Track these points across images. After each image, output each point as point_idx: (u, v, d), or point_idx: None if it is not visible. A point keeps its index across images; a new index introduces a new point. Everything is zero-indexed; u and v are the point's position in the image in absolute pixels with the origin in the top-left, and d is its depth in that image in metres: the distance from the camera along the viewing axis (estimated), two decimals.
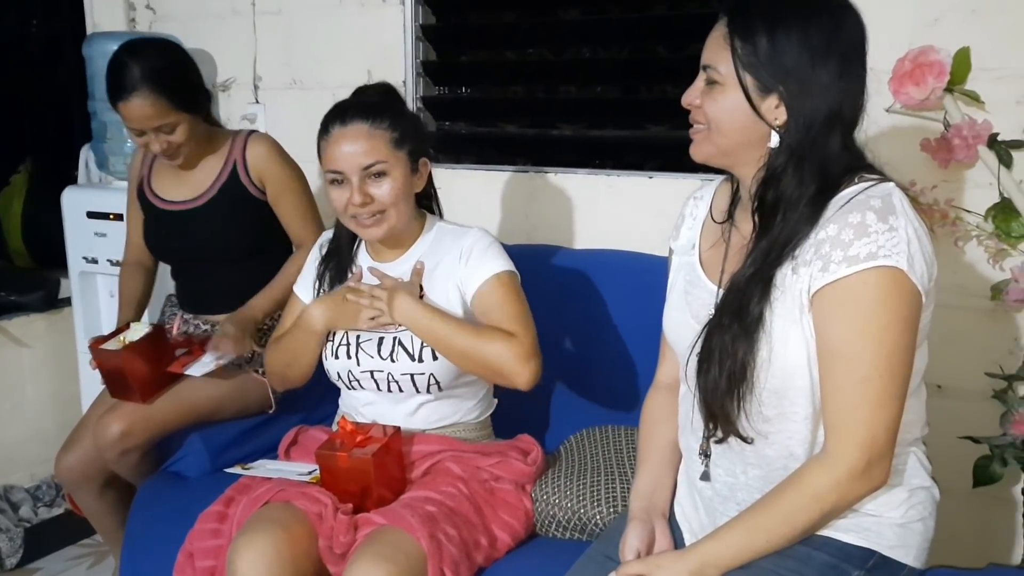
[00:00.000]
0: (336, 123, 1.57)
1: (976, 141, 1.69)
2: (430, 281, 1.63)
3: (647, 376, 1.49)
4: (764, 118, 1.16)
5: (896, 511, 1.20)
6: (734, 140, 1.20)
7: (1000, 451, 1.71)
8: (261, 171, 1.99)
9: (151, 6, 2.84)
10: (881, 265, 1.08)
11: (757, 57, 1.14)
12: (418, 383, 1.60)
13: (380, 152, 1.55)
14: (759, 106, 1.16)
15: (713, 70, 1.19)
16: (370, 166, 1.55)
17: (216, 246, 2.01)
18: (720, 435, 1.22)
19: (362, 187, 1.55)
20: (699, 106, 1.22)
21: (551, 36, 2.38)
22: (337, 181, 1.57)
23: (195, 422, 1.91)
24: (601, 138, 2.32)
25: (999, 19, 1.72)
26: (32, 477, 2.77)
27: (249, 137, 2.03)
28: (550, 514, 1.58)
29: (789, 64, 1.13)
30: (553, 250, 2.08)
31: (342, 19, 2.49)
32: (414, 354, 1.59)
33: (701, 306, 1.28)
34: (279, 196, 2.01)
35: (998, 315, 1.80)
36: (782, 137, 1.16)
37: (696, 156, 1.25)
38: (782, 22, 1.14)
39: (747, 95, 1.16)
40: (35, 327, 2.77)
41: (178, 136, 1.91)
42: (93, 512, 2.05)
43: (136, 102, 1.84)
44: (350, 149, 1.54)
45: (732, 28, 1.17)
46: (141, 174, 2.10)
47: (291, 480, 1.58)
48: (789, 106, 1.15)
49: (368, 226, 1.58)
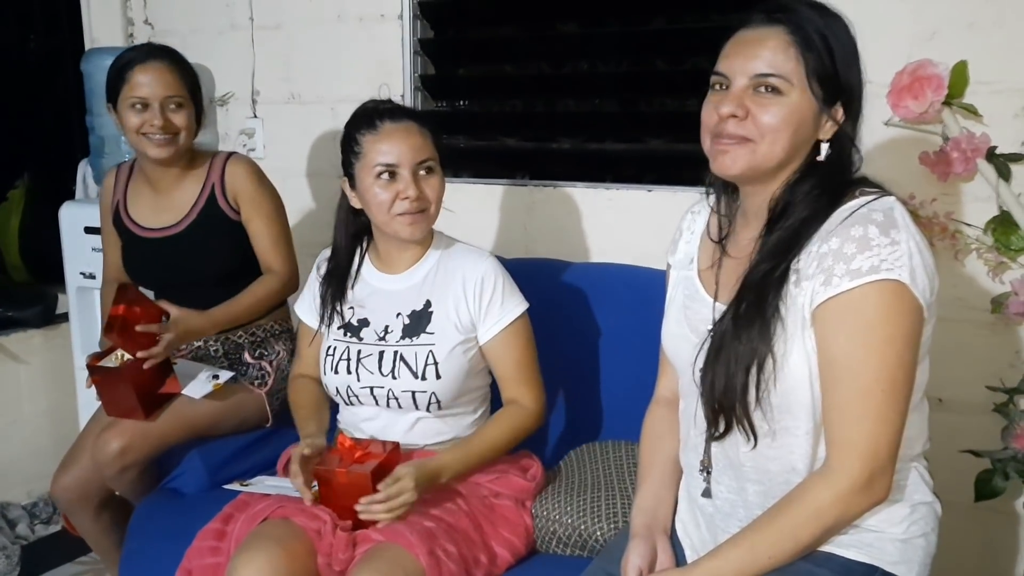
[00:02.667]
0: (386, 118, 1.59)
1: (975, 154, 1.69)
2: (442, 298, 1.63)
3: (647, 390, 1.49)
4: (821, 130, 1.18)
5: (898, 527, 1.19)
6: (785, 152, 1.17)
7: (1002, 465, 1.70)
8: (236, 190, 1.98)
9: (149, 21, 2.84)
10: (884, 279, 1.08)
11: (829, 67, 1.15)
12: (419, 400, 1.60)
13: (430, 149, 1.60)
14: (821, 119, 1.17)
15: (780, 79, 1.15)
16: (423, 161, 1.58)
17: (200, 271, 1.99)
18: (724, 428, 1.19)
19: (415, 181, 1.56)
20: (743, 117, 1.17)
21: (550, 50, 2.38)
22: (388, 175, 1.57)
23: (193, 437, 1.90)
24: (600, 151, 2.32)
25: (996, 33, 1.73)
26: (29, 494, 2.75)
27: (229, 159, 2.02)
28: (550, 530, 1.57)
29: (852, 77, 1.16)
30: (552, 263, 2.07)
31: (341, 34, 2.49)
32: (417, 371, 1.58)
33: (700, 321, 1.27)
34: (251, 217, 1.98)
35: (998, 328, 1.80)
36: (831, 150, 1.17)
37: (730, 170, 1.20)
38: (834, 34, 1.16)
39: (817, 105, 1.16)
40: (32, 343, 2.77)
41: (181, 119, 1.92)
42: (89, 532, 2.03)
43: (154, 64, 1.90)
44: (407, 143, 1.57)
45: (797, 36, 1.15)
46: (115, 198, 2.06)
47: (289, 496, 1.58)
48: (846, 119, 1.17)
49: (410, 224, 1.59)
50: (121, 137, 2.47)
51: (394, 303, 1.65)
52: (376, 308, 1.66)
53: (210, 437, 1.92)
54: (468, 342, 1.62)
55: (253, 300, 1.95)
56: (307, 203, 2.58)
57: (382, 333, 1.64)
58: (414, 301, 1.64)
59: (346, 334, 1.67)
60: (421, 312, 1.63)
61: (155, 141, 1.91)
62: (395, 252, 1.67)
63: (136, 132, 1.91)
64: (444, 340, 1.60)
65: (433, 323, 1.61)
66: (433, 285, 1.64)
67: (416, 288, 1.65)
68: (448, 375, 1.59)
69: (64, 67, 3.10)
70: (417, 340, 1.61)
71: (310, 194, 2.59)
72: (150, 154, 1.93)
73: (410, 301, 1.64)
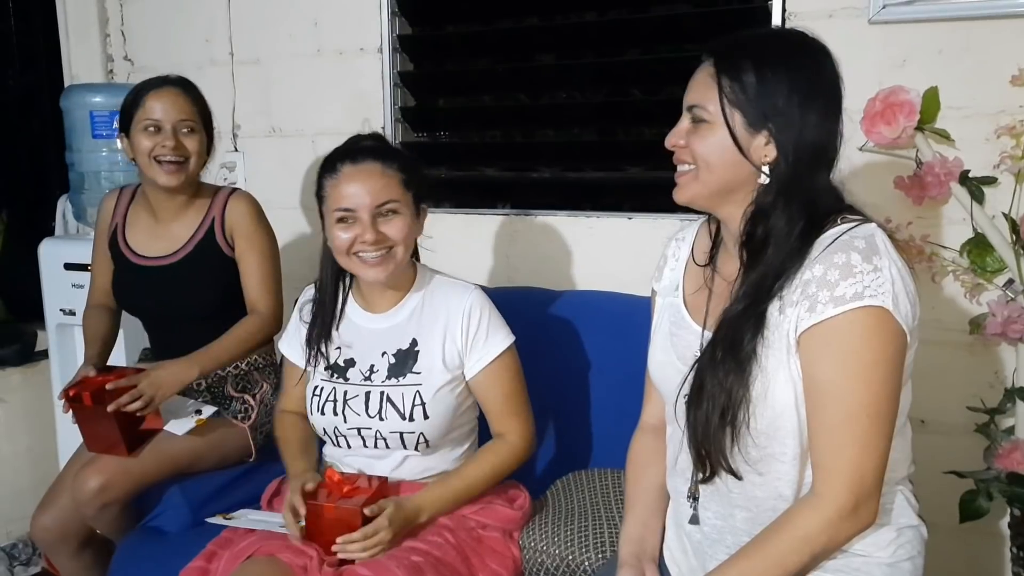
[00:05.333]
0: (346, 161, 1.56)
1: (948, 178, 1.72)
2: (428, 336, 1.62)
3: (632, 418, 1.49)
4: (751, 156, 1.18)
5: (884, 551, 1.19)
6: (723, 179, 1.20)
7: (985, 485, 1.71)
8: (234, 225, 1.97)
9: (129, 57, 2.85)
10: (867, 305, 1.09)
11: (746, 95, 1.16)
12: (407, 441, 1.59)
13: (392, 191, 1.55)
14: (747, 144, 1.17)
15: (701, 109, 1.19)
16: (383, 204, 1.54)
17: (191, 304, 1.97)
18: (709, 472, 1.21)
19: (373, 225, 1.54)
20: (684, 146, 1.22)
21: (528, 81, 2.41)
22: (345, 220, 1.55)
23: (175, 473, 1.87)
24: (579, 180, 2.34)
25: (965, 59, 1.77)
26: (8, 535, 2.70)
27: (232, 194, 2.02)
28: (538, 561, 1.56)
29: (778, 102, 1.15)
30: (534, 292, 2.08)
31: (320, 68, 2.51)
32: (404, 413, 1.57)
33: (686, 348, 1.28)
34: (244, 252, 1.98)
35: (977, 349, 1.82)
36: (771, 174, 1.17)
37: (681, 198, 1.25)
38: (768, 62, 1.16)
39: (732, 133, 1.17)
40: (11, 381, 2.73)
41: (192, 143, 1.93)
42: (70, 573, 1.99)
43: (169, 90, 1.93)
44: (364, 186, 1.54)
45: (719, 68, 1.18)
46: (114, 222, 2.06)
47: (274, 532, 1.56)
48: (778, 143, 1.16)
49: (373, 265, 1.56)
50: (101, 173, 2.47)
51: (379, 342, 1.64)
52: (361, 347, 1.65)
53: (192, 473, 1.90)
54: (455, 380, 1.61)
55: (234, 343, 1.93)
56: (288, 236, 2.57)
57: (367, 373, 1.62)
58: (399, 340, 1.63)
59: (332, 375, 1.65)
60: (407, 351, 1.62)
61: (166, 168, 1.91)
62: (377, 292, 1.66)
63: (148, 156, 1.91)
64: (431, 379, 1.59)
65: (420, 362, 1.60)
66: (419, 323, 1.63)
67: (401, 327, 1.64)
68: (436, 415, 1.58)
69: (42, 104, 3.09)
70: (404, 380, 1.60)
71: (291, 227, 2.59)
72: (160, 181, 1.92)
73: (395, 340, 1.63)
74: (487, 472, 1.60)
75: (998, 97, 1.74)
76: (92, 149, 2.47)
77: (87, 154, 2.47)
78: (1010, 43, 1.73)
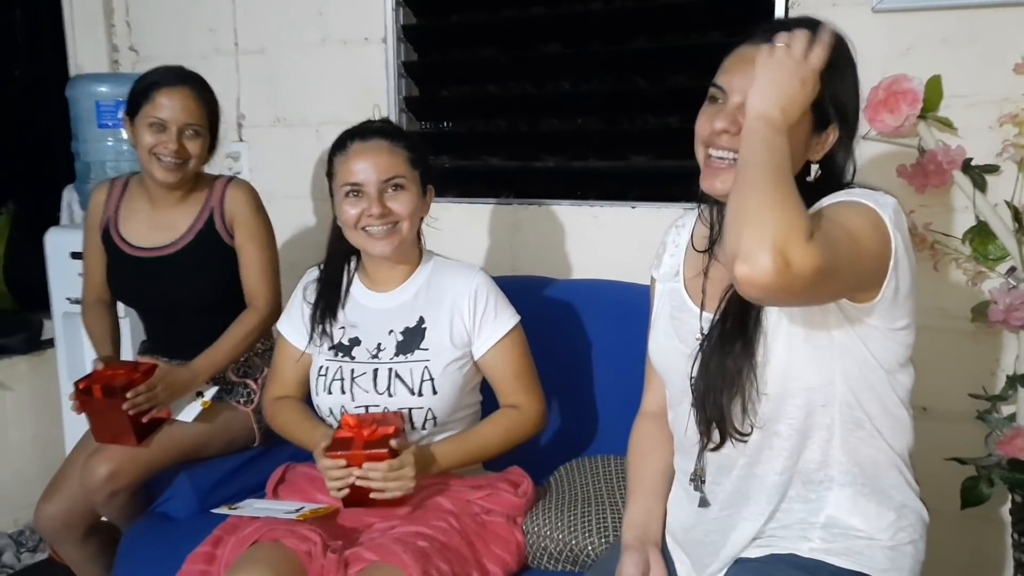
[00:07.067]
0: (356, 139, 1.62)
1: (951, 166, 1.72)
2: (435, 315, 1.64)
3: (633, 404, 1.50)
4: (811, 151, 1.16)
5: (885, 533, 1.20)
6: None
7: (987, 472, 1.72)
8: (234, 215, 1.97)
9: (134, 47, 2.86)
10: (869, 205, 1.08)
11: (818, 92, 1.10)
12: (415, 418, 1.60)
13: (399, 167, 1.61)
14: (812, 140, 1.15)
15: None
16: (390, 179, 1.59)
17: (190, 295, 1.97)
18: (718, 439, 1.20)
19: (380, 199, 1.58)
20: (736, 133, 1.13)
21: (532, 70, 2.41)
22: (353, 194, 1.59)
23: (182, 460, 1.89)
24: (584, 169, 2.34)
25: (969, 47, 1.77)
26: (15, 522, 2.73)
27: (230, 182, 2.01)
28: (542, 546, 1.58)
29: (846, 97, 1.15)
30: (538, 281, 2.09)
31: (325, 58, 2.51)
32: (413, 388, 1.59)
33: (688, 331, 1.28)
34: (244, 242, 1.98)
35: (979, 336, 1.82)
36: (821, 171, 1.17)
37: (719, 189, 1.17)
38: (836, 59, 1.12)
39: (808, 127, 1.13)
40: (17, 369, 2.75)
41: (195, 147, 1.92)
42: (76, 560, 2.00)
43: (180, 90, 1.91)
44: (371, 162, 1.59)
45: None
46: (106, 215, 2.04)
47: (279, 519, 1.57)
48: (840, 141, 1.16)
49: (379, 239, 1.61)
50: (107, 162, 2.48)
51: (386, 321, 1.66)
52: (367, 327, 1.67)
53: (199, 459, 1.92)
54: (463, 358, 1.64)
55: (234, 343, 1.94)
56: (292, 225, 2.58)
57: (374, 351, 1.64)
58: (406, 318, 1.65)
59: (337, 354, 1.67)
60: (415, 329, 1.64)
61: (165, 164, 1.91)
62: (384, 271, 1.68)
63: (148, 151, 1.91)
64: (439, 356, 1.61)
65: (427, 339, 1.63)
66: (426, 302, 1.66)
67: (408, 305, 1.66)
68: (444, 390, 1.60)
69: (48, 94, 3.11)
70: (412, 356, 1.62)
71: (297, 217, 2.60)
72: (157, 176, 1.92)
73: (402, 318, 1.65)
74: (500, 435, 1.63)
75: (1001, 85, 1.74)
76: (98, 139, 2.48)
77: (93, 144, 2.48)
78: (1014, 31, 1.73)
